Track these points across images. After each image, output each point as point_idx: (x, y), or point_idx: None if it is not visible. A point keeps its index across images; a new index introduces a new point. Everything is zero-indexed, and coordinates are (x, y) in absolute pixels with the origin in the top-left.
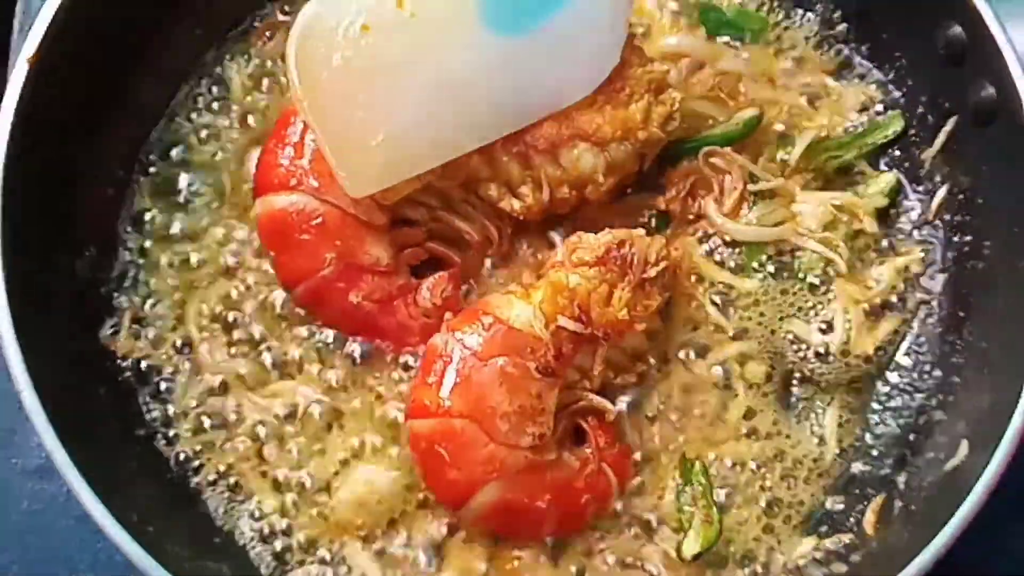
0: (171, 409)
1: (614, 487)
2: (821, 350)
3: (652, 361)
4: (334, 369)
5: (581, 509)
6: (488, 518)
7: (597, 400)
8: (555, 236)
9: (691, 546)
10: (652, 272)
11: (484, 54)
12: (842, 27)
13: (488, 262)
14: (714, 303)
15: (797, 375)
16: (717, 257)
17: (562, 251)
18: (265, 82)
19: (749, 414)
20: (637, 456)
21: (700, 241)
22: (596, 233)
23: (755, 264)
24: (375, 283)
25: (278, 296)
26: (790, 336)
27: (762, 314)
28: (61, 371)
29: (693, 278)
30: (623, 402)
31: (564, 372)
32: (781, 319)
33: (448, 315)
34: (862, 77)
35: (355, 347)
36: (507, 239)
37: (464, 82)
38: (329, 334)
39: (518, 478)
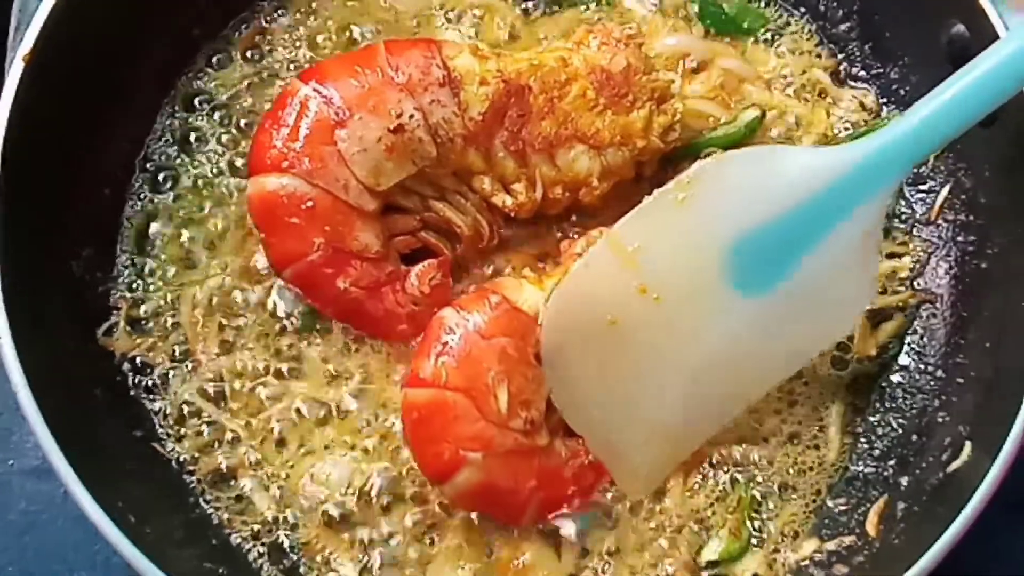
0: (169, 409)
1: (602, 482)
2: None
3: None
4: (336, 368)
5: (565, 499)
6: (470, 495)
7: None
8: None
9: (710, 552)
10: None
11: (737, 321)
12: (844, 26)
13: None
14: None
15: (801, 375)
16: None
17: (581, 244)
18: (262, 81)
19: (753, 412)
20: None
21: None
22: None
23: None
24: (363, 269)
25: (278, 294)
26: None
27: None
28: (58, 371)
29: None
30: None
31: None
32: None
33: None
34: (864, 76)
35: (358, 344)
36: (497, 234)
37: (719, 354)
38: (331, 333)
39: (505, 459)
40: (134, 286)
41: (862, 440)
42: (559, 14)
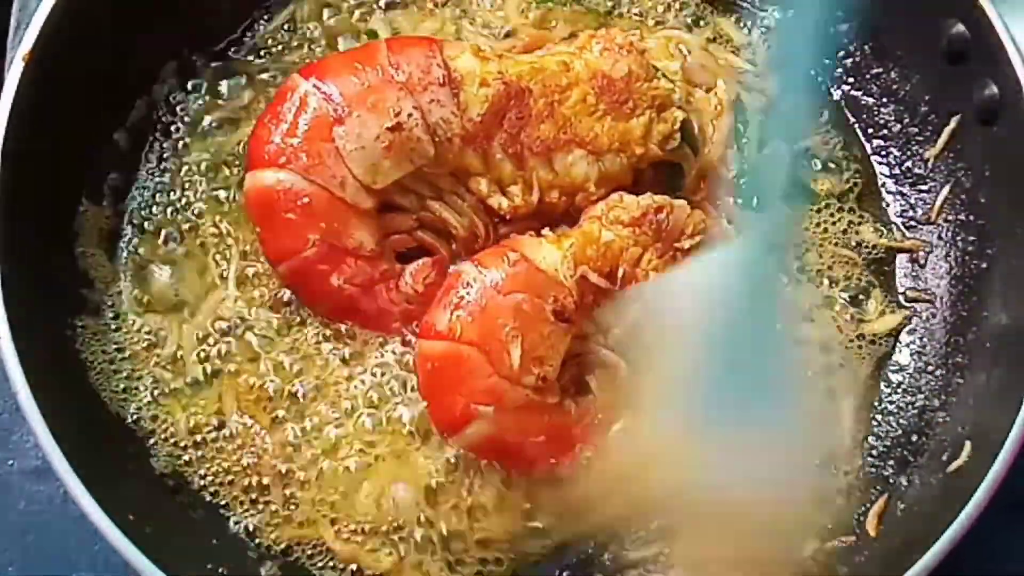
0: (169, 409)
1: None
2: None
3: None
4: (336, 369)
5: (574, 456)
6: (480, 447)
7: (608, 355)
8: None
9: None
10: (686, 244)
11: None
12: (844, 26)
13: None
14: None
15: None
16: None
17: (601, 206)
18: (263, 81)
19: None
20: None
21: None
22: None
23: None
24: (358, 267)
25: (279, 295)
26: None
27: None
28: (58, 371)
29: None
30: None
31: (580, 322)
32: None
33: None
34: (864, 76)
35: (360, 345)
36: (492, 236)
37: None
38: (333, 334)
39: (515, 414)
40: (136, 286)
41: (862, 440)
42: None
